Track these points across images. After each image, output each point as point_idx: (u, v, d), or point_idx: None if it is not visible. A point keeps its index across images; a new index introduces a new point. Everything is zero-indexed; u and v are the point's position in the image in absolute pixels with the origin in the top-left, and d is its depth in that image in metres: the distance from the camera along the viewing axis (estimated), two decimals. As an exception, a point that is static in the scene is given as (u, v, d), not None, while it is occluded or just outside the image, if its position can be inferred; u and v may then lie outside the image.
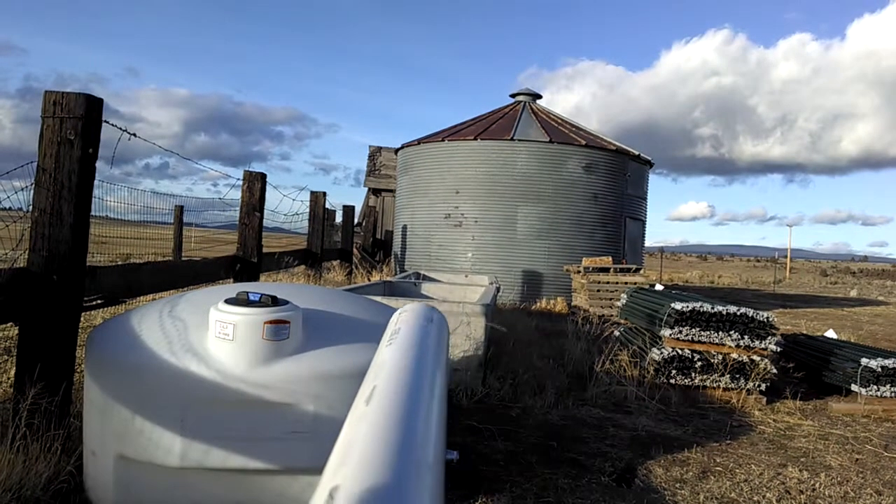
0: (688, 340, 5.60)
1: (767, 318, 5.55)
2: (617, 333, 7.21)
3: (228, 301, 2.40)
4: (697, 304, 5.62)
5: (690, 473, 3.70)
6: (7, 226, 3.18)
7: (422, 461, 0.43)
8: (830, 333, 7.68)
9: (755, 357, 5.45)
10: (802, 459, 4.13)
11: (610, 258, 11.54)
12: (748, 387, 5.42)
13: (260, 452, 2.35)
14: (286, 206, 11.39)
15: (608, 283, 10.70)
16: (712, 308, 5.59)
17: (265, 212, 6.43)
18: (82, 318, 3.35)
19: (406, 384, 0.46)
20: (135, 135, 3.61)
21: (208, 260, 6.00)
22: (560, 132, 14.12)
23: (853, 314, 15.47)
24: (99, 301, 3.47)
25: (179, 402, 2.32)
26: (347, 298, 3.09)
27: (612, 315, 8.60)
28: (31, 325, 2.93)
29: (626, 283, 10.40)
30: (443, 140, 14.23)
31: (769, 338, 5.53)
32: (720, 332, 5.54)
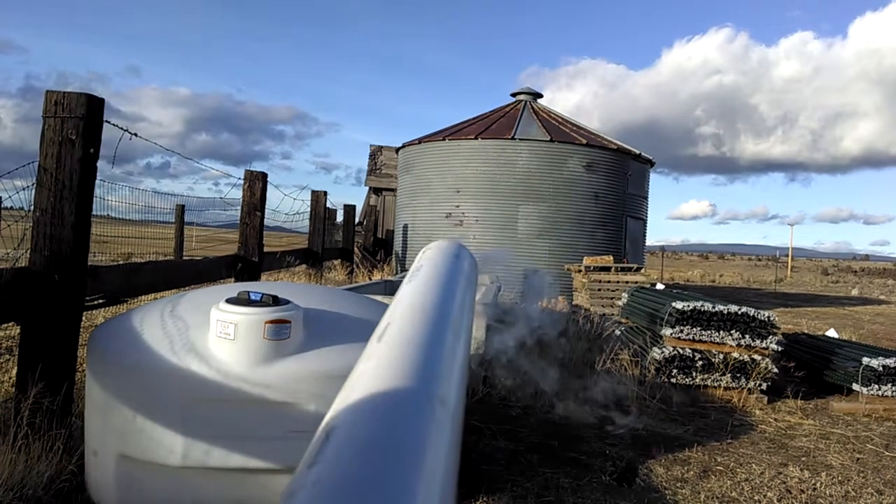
0: (689, 339, 5.60)
1: (768, 317, 5.55)
2: (618, 332, 7.21)
3: (229, 300, 2.41)
4: (698, 304, 5.62)
5: (691, 473, 3.70)
6: (9, 225, 3.19)
7: (434, 398, 0.36)
8: (832, 332, 7.68)
9: (756, 356, 5.44)
10: (803, 459, 4.13)
11: (611, 257, 11.54)
12: (749, 386, 5.42)
13: (261, 452, 2.36)
14: (287, 206, 11.40)
15: (609, 282, 10.70)
16: (713, 307, 5.59)
17: (266, 211, 6.44)
18: (84, 318, 3.36)
19: (424, 321, 0.38)
20: (136, 135, 3.61)
21: (209, 259, 6.01)
22: (561, 131, 14.11)
23: (854, 313, 15.45)
24: (100, 300, 3.47)
25: (181, 402, 2.32)
26: (348, 298, 3.09)
27: (613, 314, 8.60)
28: (33, 324, 2.94)
29: (627, 282, 10.40)
30: (444, 139, 14.22)
31: (770, 337, 5.53)
32: (721, 332, 5.54)
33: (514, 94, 16.43)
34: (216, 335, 2.36)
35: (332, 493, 0.27)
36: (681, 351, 5.53)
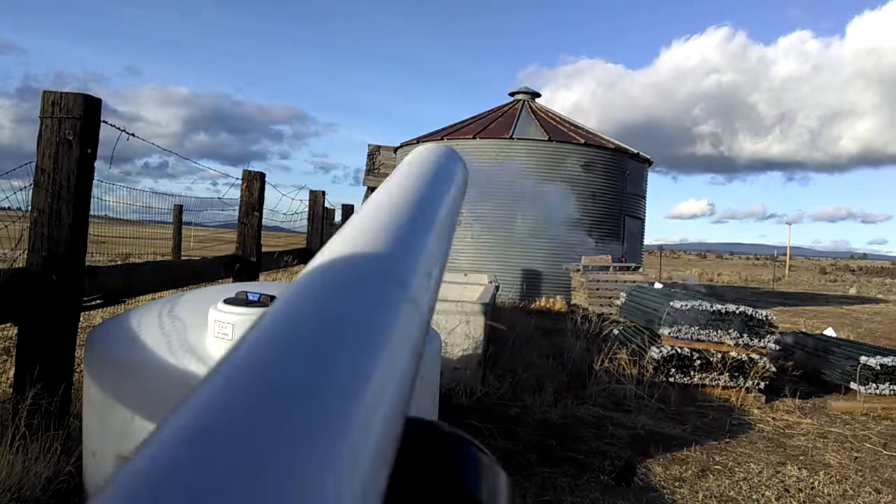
0: (687, 339, 5.61)
1: (766, 316, 5.55)
2: (616, 332, 7.22)
3: (227, 301, 2.40)
4: (696, 303, 5.63)
5: (690, 472, 3.70)
6: (6, 226, 3.18)
7: (405, 290, 0.26)
8: (830, 331, 7.69)
9: (754, 355, 5.45)
10: (801, 458, 4.14)
11: (609, 257, 11.55)
12: (747, 385, 5.42)
13: (259, 452, 2.35)
14: (285, 205, 11.40)
15: (607, 281, 10.71)
16: (711, 306, 5.60)
17: (264, 211, 6.43)
18: (81, 318, 3.35)
19: (397, 211, 0.31)
20: (133, 135, 3.61)
21: (207, 259, 6.00)
22: (559, 131, 14.12)
23: (852, 312, 15.48)
24: (98, 301, 3.47)
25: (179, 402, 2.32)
26: (346, 298, 3.09)
27: (611, 313, 8.60)
28: (31, 325, 2.93)
29: (625, 281, 10.40)
30: (441, 139, 14.22)
31: (768, 336, 5.54)
32: (719, 331, 5.55)
33: (512, 94, 16.44)
34: (214, 335, 2.36)
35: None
36: (679, 350, 5.53)
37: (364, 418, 0.22)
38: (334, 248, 0.30)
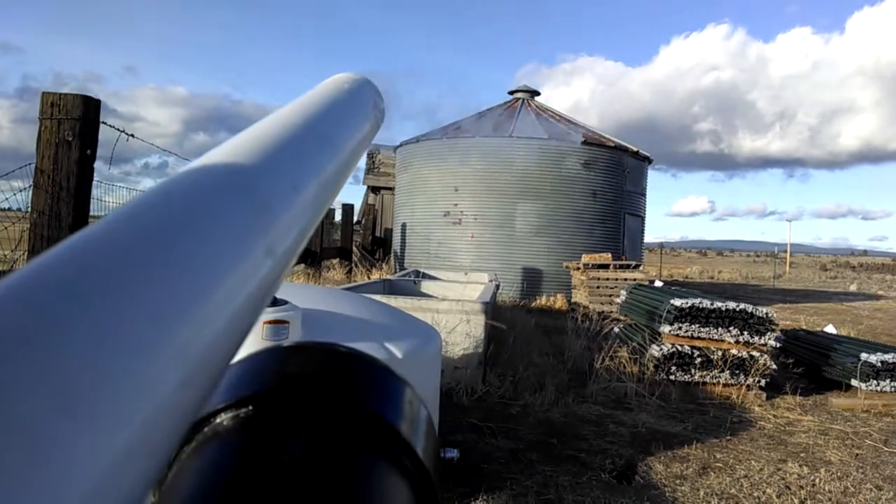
0: (687, 337, 5.61)
1: (767, 313, 5.55)
2: (616, 330, 7.22)
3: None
4: (697, 301, 5.63)
5: (691, 470, 3.71)
6: (6, 227, 3.18)
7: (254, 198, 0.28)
8: (830, 328, 7.69)
9: (755, 353, 5.45)
10: (802, 455, 4.14)
11: (609, 254, 11.55)
12: (748, 382, 5.42)
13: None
14: (285, 205, 11.38)
15: (608, 279, 10.71)
16: (711, 304, 5.60)
17: (264, 211, 6.43)
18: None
19: (262, 125, 0.28)
20: (132, 135, 3.61)
21: (208, 259, 6.00)
22: (558, 129, 14.12)
23: (853, 309, 15.48)
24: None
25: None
26: (347, 297, 3.09)
27: (611, 311, 8.61)
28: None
29: (625, 279, 10.41)
30: (441, 137, 14.22)
31: (769, 333, 5.54)
32: (720, 329, 5.55)
33: (511, 92, 16.43)
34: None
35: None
36: (679, 348, 5.53)
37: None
38: (191, 165, 0.28)
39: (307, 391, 0.27)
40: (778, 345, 5.59)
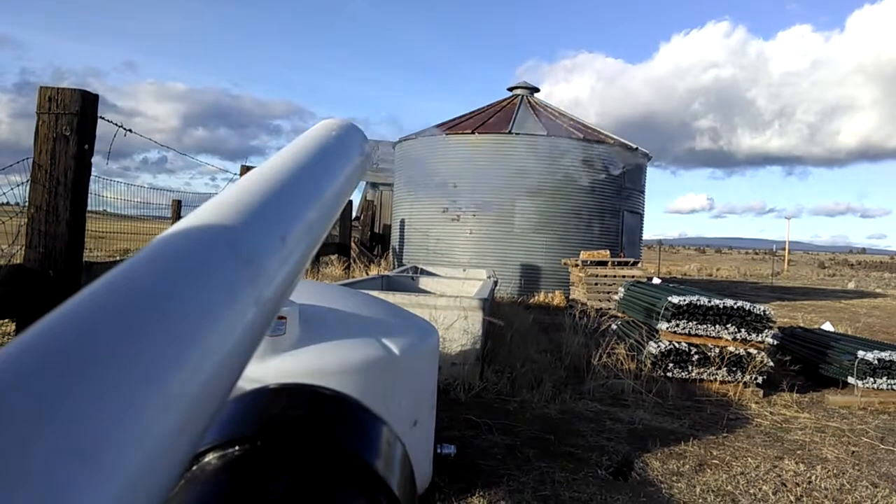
0: (685, 334, 5.62)
1: (764, 311, 5.56)
2: (614, 327, 7.23)
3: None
4: (694, 298, 5.64)
5: (687, 466, 3.72)
6: (3, 222, 3.18)
7: (237, 250, 0.29)
8: (827, 326, 7.70)
9: (752, 350, 5.46)
10: (799, 452, 4.15)
11: (608, 251, 11.56)
12: (745, 380, 5.44)
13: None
14: (284, 201, 11.37)
15: (606, 276, 10.72)
16: (709, 301, 5.61)
17: (262, 206, 6.43)
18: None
19: (249, 179, 0.29)
20: (130, 130, 3.60)
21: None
22: (558, 125, 14.11)
23: (851, 306, 15.50)
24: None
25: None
26: (345, 293, 3.09)
27: (609, 308, 8.62)
28: (28, 321, 2.93)
29: (623, 276, 10.42)
30: (440, 134, 14.21)
31: (766, 331, 5.55)
32: (717, 326, 5.56)
33: (510, 89, 16.41)
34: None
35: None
36: (677, 345, 5.54)
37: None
38: (184, 222, 0.29)
39: (290, 433, 0.29)
40: (775, 342, 5.60)
